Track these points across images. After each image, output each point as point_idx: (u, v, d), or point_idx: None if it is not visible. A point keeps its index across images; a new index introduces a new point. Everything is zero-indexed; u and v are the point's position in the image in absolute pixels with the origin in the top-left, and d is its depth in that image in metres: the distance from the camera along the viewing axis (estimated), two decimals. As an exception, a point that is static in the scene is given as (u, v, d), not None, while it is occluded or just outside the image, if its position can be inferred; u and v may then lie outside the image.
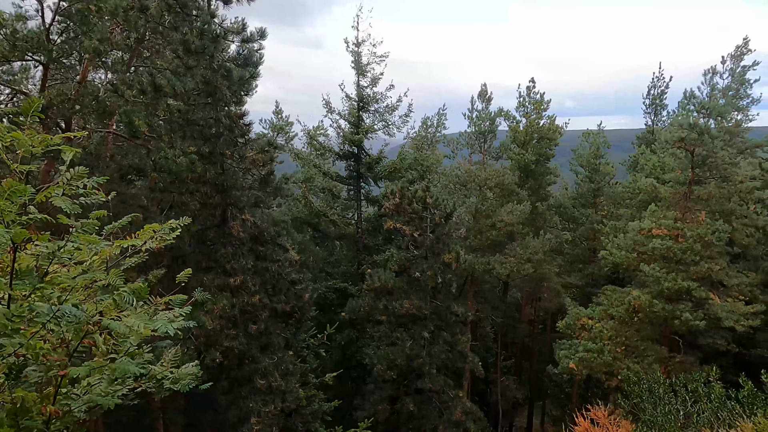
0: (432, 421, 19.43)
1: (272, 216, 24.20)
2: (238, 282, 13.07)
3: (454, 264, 18.25)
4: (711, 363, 26.40)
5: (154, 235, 3.98)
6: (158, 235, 3.98)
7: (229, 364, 13.09)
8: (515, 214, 26.84)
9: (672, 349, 25.18)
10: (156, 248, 3.98)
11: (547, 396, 47.81)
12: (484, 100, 29.50)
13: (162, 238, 4.01)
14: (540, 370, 45.88)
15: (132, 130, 12.25)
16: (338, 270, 29.37)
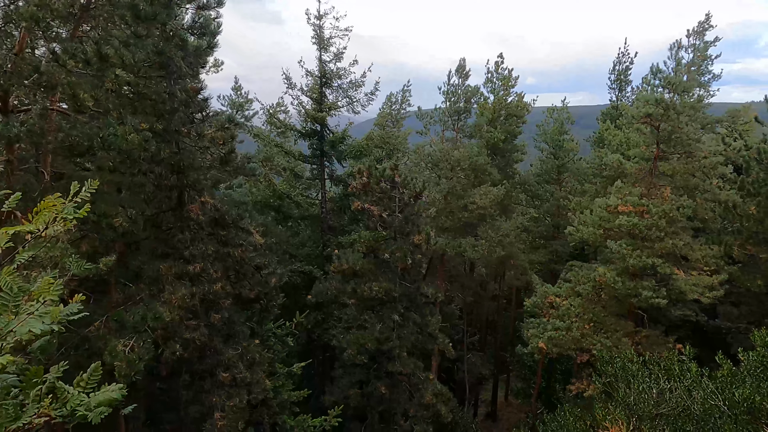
0: (402, 404, 19.10)
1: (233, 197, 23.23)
2: (198, 269, 12.21)
3: (424, 245, 17.74)
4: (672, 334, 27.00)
5: (58, 215, 3.10)
6: (63, 213, 3.11)
7: (189, 356, 12.29)
8: (489, 198, 26.49)
9: (637, 323, 25.51)
10: (61, 234, 3.13)
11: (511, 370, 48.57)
12: (461, 76, 28.77)
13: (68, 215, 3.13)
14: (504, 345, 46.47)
15: (76, 104, 11.13)
16: (302, 252, 28.58)
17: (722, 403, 10.19)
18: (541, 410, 36.12)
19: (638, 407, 11.81)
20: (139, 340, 10.54)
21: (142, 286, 11.90)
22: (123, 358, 9.88)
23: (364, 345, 18.09)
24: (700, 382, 11.36)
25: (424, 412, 18.87)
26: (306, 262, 26.84)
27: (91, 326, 11.71)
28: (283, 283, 17.42)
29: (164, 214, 12.93)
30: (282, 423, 14.65)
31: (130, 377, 9.86)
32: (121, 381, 9.74)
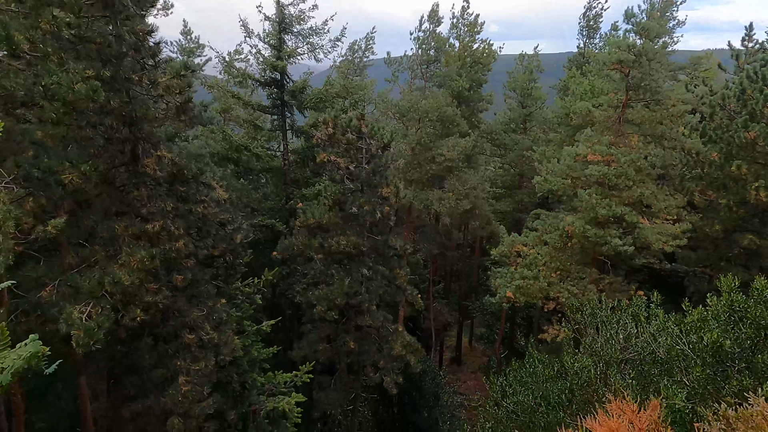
0: (372, 356, 19.11)
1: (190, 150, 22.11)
2: (157, 228, 11.48)
3: (392, 198, 17.32)
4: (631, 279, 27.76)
5: None
6: None
7: (152, 319, 11.72)
8: (457, 149, 26.06)
9: (600, 271, 26.05)
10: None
11: (475, 317, 49.73)
12: (433, 22, 27.67)
13: None
14: (468, 292, 47.36)
15: (11, 48, 9.98)
16: (265, 206, 27.78)
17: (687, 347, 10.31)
18: (505, 354, 37.20)
19: (605, 353, 11.94)
20: (96, 306, 9.90)
21: (97, 247, 11.15)
22: (80, 326, 9.26)
23: (332, 300, 17.83)
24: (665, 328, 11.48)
25: (394, 364, 18.95)
26: (269, 216, 26.12)
27: (43, 291, 10.98)
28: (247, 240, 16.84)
29: (117, 170, 12.04)
30: (252, 381, 14.38)
31: (89, 346, 9.28)
32: (80, 350, 9.16)
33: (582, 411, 11.21)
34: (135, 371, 12.47)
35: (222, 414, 13.64)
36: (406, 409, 21.41)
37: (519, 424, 13.12)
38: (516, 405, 13.34)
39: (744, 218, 22.71)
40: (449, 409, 22.94)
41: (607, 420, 2.78)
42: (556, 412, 12.94)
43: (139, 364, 12.07)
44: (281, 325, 29.21)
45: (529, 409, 12.92)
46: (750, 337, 8.37)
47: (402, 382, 19.08)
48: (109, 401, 14.00)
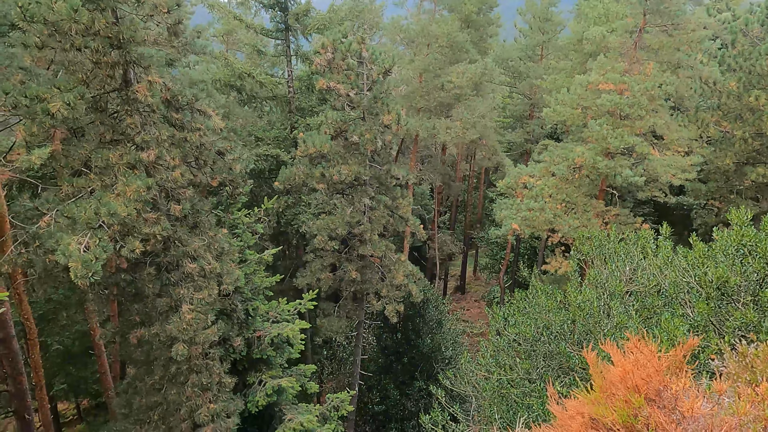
0: (375, 285, 19.28)
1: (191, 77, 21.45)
2: (152, 156, 11.21)
3: (394, 126, 16.84)
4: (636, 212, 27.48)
5: None
6: None
7: (153, 249, 11.68)
8: (466, 77, 25.12)
9: (607, 203, 25.75)
10: None
11: (479, 247, 50.09)
12: None
13: None
14: (473, 223, 47.47)
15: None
16: (269, 135, 27.28)
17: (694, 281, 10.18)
18: (509, 284, 37.65)
19: (610, 284, 11.87)
20: (93, 237, 9.78)
21: (93, 177, 10.93)
22: (78, 257, 9.18)
23: (334, 230, 17.77)
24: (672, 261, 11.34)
25: (396, 292, 19.13)
26: (274, 145, 25.70)
27: (41, 221, 10.87)
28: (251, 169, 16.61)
29: (109, 96, 11.62)
30: (255, 308, 14.55)
31: (87, 278, 9.23)
32: (79, 282, 9.13)
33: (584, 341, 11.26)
34: (140, 299, 12.59)
35: (227, 340, 13.90)
36: (409, 335, 21.85)
37: (520, 353, 13.30)
38: (518, 334, 13.47)
39: (758, 150, 22.11)
40: (452, 335, 23.41)
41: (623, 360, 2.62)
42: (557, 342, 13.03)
43: (143, 293, 12.15)
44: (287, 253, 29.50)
45: (531, 339, 13.04)
46: (757, 270, 8.19)
47: (404, 310, 19.34)
48: (117, 326, 14.25)
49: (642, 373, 2.48)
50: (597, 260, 13.42)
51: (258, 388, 13.85)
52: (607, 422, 2.49)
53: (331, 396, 16.91)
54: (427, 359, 21.94)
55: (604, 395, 2.53)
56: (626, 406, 2.44)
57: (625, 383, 2.51)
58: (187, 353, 11.40)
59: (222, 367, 13.00)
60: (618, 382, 2.52)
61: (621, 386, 2.49)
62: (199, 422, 12.50)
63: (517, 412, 13.24)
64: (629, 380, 2.51)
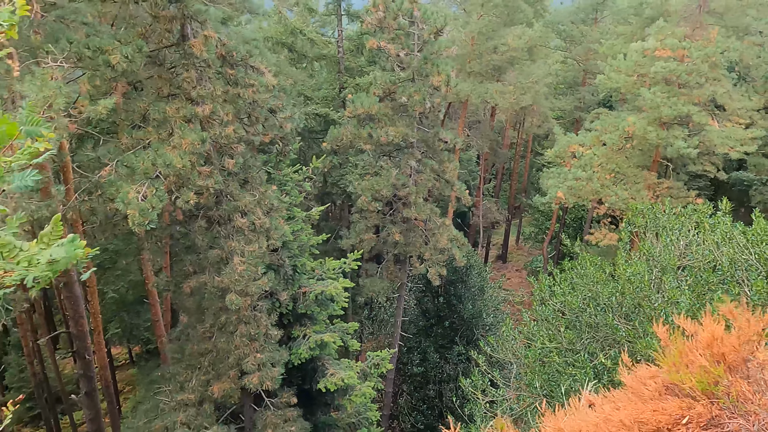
0: (418, 248, 19.34)
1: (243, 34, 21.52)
2: (207, 111, 11.41)
3: (444, 87, 16.57)
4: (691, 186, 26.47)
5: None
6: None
7: (205, 202, 12.00)
8: (522, 39, 24.33)
9: (660, 174, 24.89)
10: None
11: (524, 216, 49.46)
12: None
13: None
14: (518, 192, 46.79)
15: None
16: (318, 94, 27.33)
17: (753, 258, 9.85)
18: (552, 255, 37.18)
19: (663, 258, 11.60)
20: (151, 186, 10.13)
21: (150, 129, 11.23)
22: (135, 205, 9.54)
23: (379, 191, 17.81)
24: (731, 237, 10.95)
25: (439, 256, 19.16)
26: (322, 105, 25.76)
27: (102, 171, 11.30)
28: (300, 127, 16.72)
29: (166, 51, 11.82)
30: (302, 265, 14.87)
31: (144, 225, 9.60)
32: (136, 229, 9.51)
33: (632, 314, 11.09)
34: (192, 250, 13.03)
35: (274, 294, 14.29)
36: (451, 300, 21.97)
37: (564, 323, 13.21)
38: (563, 304, 13.36)
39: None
40: (494, 302, 23.42)
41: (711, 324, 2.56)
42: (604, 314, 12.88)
43: (196, 245, 12.56)
44: (332, 213, 29.87)
45: (576, 309, 12.92)
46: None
47: (446, 274, 19.39)
48: (171, 276, 14.83)
49: (733, 339, 2.42)
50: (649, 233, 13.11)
51: (302, 342, 14.26)
52: (685, 388, 2.46)
53: (371, 354, 17.26)
54: (468, 325, 22.07)
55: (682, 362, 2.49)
56: (706, 373, 2.39)
57: (712, 349, 2.45)
58: (240, 303, 11.80)
59: (269, 320, 13.42)
60: (704, 348, 2.47)
61: (706, 352, 2.45)
62: (247, 370, 13.01)
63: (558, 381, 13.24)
64: (716, 347, 2.46)
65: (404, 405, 23.07)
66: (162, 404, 14.19)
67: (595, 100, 34.40)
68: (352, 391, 15.43)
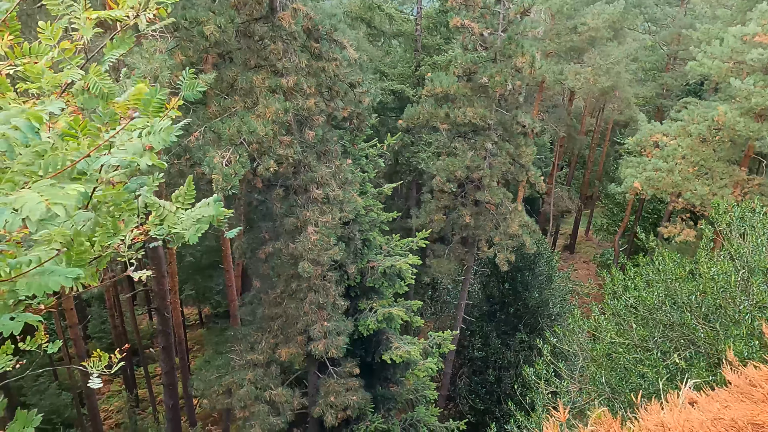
0: (488, 232, 19.15)
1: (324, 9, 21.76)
2: (292, 83, 11.69)
3: (527, 69, 16.15)
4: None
5: None
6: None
7: (283, 172, 12.36)
8: (602, 18, 23.33)
9: (751, 170, 23.39)
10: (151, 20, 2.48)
11: (597, 206, 47.77)
12: None
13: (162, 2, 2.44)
14: (591, 181, 45.18)
15: None
16: (394, 71, 27.30)
17: None
18: (624, 248, 35.83)
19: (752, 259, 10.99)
20: (235, 152, 10.53)
21: (237, 98, 11.64)
22: (219, 170, 9.96)
23: (453, 172, 17.71)
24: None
25: (509, 242, 18.91)
26: (398, 82, 25.74)
27: (191, 136, 11.82)
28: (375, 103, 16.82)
29: (256, 23, 12.14)
30: (372, 239, 15.09)
31: (226, 190, 10.03)
32: (219, 193, 9.95)
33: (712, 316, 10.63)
34: (269, 218, 13.48)
35: (343, 266, 14.61)
36: (517, 287, 21.68)
37: (637, 319, 12.80)
38: (637, 300, 12.93)
39: None
40: (561, 293, 22.90)
41: None
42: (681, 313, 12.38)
43: (272, 212, 12.98)
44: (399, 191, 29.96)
45: (651, 306, 12.48)
46: None
47: (515, 260, 19.13)
48: (246, 242, 15.40)
49: None
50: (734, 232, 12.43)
51: (369, 315, 14.53)
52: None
53: (433, 333, 17.36)
54: (533, 313, 21.73)
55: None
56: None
57: None
58: (311, 271, 12.15)
59: (337, 290, 13.75)
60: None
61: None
62: (314, 336, 13.43)
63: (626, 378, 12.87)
64: None
65: (462, 387, 23.10)
66: (232, 362, 14.90)
67: (679, 86, 32.54)
68: (415, 366, 15.63)
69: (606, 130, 44.93)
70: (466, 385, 23.00)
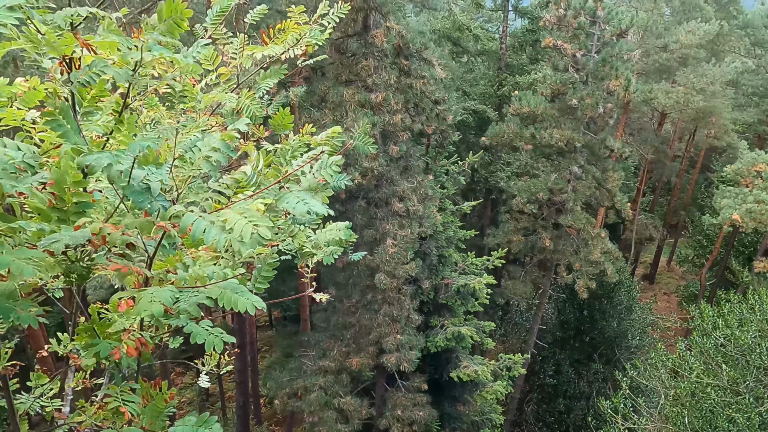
0: (567, 257, 18.62)
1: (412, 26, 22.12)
2: (380, 99, 11.96)
3: (621, 92, 15.67)
4: None
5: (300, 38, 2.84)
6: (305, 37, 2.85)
7: (367, 184, 12.62)
8: (696, 35, 22.28)
9: None
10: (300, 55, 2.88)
11: (682, 235, 45.26)
12: None
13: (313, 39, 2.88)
14: (677, 209, 42.89)
15: None
16: (476, 90, 27.22)
17: None
18: (713, 282, 33.70)
19: None
20: (324, 164, 10.89)
21: (327, 111, 12.04)
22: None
23: (535, 194, 17.39)
24: None
25: (590, 268, 18.30)
26: (479, 101, 25.64)
27: (280, 144, 12.32)
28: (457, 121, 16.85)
29: (349, 39, 12.54)
30: (448, 256, 15.07)
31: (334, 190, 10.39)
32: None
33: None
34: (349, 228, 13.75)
35: (417, 280, 14.67)
36: (594, 315, 20.88)
37: (728, 360, 12.05)
38: (728, 339, 12.18)
39: None
40: (641, 324, 21.85)
41: None
42: (778, 356, 11.55)
43: (353, 223, 13.25)
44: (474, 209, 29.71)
45: (745, 347, 11.72)
46: None
47: (594, 288, 18.48)
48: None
49: None
50: None
51: (439, 331, 14.49)
52: None
53: (504, 356, 17.04)
54: (610, 344, 20.84)
55: None
56: None
57: None
58: (387, 284, 12.31)
59: (411, 304, 13.82)
60: None
61: None
62: (386, 348, 13.54)
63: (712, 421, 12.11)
64: None
65: (530, 414, 22.45)
66: (304, 367, 15.25)
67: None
68: (483, 387, 15.40)
69: (697, 156, 42.61)
70: (534, 412, 22.34)
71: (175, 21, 2.13)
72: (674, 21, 25.71)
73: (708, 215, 22.13)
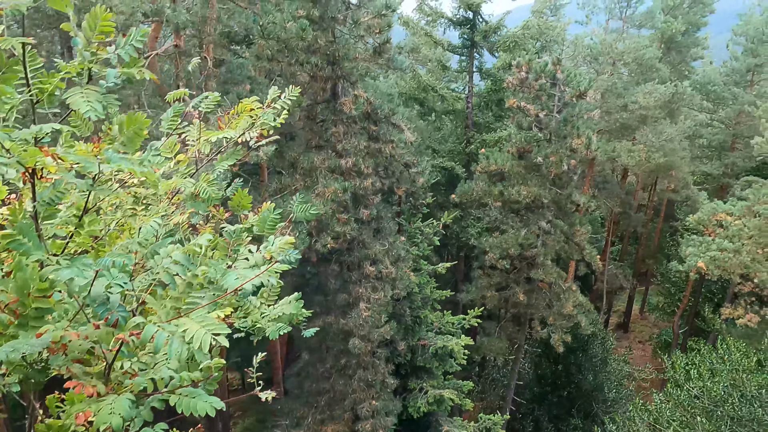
0: (541, 311, 18.72)
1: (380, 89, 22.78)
2: (350, 164, 12.16)
3: (584, 150, 16.23)
4: None
5: (255, 121, 2.98)
6: (261, 120, 2.99)
7: (339, 248, 12.63)
8: (653, 96, 23.45)
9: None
10: (257, 138, 3.00)
11: (652, 284, 45.95)
12: None
13: (267, 122, 3.01)
14: (645, 257, 43.70)
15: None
16: (444, 147, 27.89)
17: None
18: (684, 330, 34.07)
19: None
20: (295, 230, 10.90)
21: (297, 177, 12.17)
22: (280, 247, 10.31)
23: (506, 249, 17.60)
24: None
25: (563, 322, 18.40)
26: (448, 158, 26.24)
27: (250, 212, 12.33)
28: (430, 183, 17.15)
29: (318, 106, 12.84)
30: (423, 317, 14.99)
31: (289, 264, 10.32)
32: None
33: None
34: (321, 292, 13.66)
35: (393, 342, 14.51)
36: (570, 369, 20.82)
37: (702, 412, 12.08)
38: (702, 390, 12.26)
39: None
40: (617, 376, 21.83)
41: None
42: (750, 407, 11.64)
43: (326, 287, 13.18)
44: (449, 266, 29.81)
45: (718, 398, 11.80)
46: None
47: (570, 341, 18.52)
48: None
49: None
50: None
51: (419, 395, 14.24)
52: None
53: (483, 416, 16.75)
54: (587, 397, 20.71)
55: None
56: None
57: None
58: (362, 348, 12.14)
59: (387, 368, 13.61)
60: None
61: None
62: (361, 415, 13.21)
63: (693, 475, 12.03)
64: None
65: (513, 474, 21.92)
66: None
67: (745, 167, 31.77)
68: (464, 452, 15.04)
69: (660, 206, 43.90)
70: (517, 473, 21.81)
71: (136, 132, 2.20)
72: (633, 81, 27.01)
73: (675, 263, 22.65)
